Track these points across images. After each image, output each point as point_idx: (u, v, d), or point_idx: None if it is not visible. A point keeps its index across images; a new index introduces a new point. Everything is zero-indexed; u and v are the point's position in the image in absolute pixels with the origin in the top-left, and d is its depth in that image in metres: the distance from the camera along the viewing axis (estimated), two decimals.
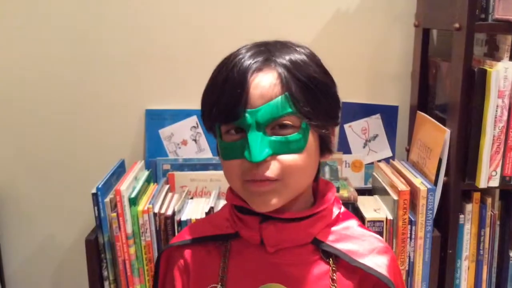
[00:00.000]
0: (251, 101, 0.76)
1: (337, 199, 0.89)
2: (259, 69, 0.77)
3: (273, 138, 0.77)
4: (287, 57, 0.79)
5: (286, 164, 0.77)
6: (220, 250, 0.88)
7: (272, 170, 0.77)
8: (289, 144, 0.77)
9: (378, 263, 0.84)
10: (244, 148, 0.76)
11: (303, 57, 0.80)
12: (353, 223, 0.90)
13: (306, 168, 0.80)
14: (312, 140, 0.80)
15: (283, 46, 0.82)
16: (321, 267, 0.84)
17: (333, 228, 0.86)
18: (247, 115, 0.76)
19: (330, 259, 0.84)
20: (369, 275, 0.83)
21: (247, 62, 0.78)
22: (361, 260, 0.83)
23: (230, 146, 0.79)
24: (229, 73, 0.77)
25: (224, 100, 0.77)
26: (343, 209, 0.90)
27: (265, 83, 0.76)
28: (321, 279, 0.83)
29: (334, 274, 0.83)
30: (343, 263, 0.84)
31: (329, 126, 0.83)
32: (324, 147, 0.84)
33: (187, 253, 0.89)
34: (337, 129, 1.12)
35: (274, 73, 0.77)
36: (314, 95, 0.78)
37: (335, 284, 0.83)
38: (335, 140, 0.86)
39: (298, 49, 0.82)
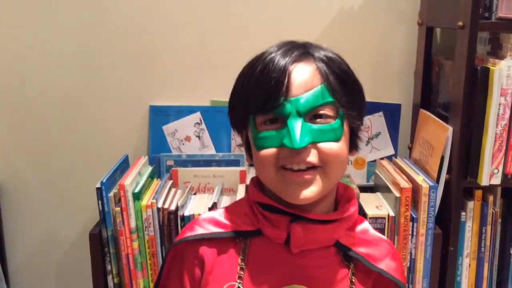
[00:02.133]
0: (291, 90, 0.77)
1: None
2: (299, 60, 0.79)
3: (314, 126, 0.78)
4: (322, 53, 0.82)
5: (326, 151, 0.79)
6: (238, 246, 0.86)
7: (313, 156, 0.78)
8: (328, 132, 0.79)
9: (393, 267, 0.87)
10: (281, 136, 0.77)
11: (335, 55, 0.84)
12: (367, 226, 0.92)
13: (343, 157, 0.82)
14: (346, 131, 0.82)
15: (316, 45, 0.85)
16: (341, 270, 0.85)
17: (353, 232, 0.88)
18: (287, 103, 0.77)
19: (351, 263, 0.86)
20: (382, 277, 0.86)
21: (286, 54, 0.79)
22: (379, 265, 0.86)
23: (266, 136, 0.79)
24: (267, 65, 0.78)
25: (262, 90, 0.78)
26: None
27: (305, 73, 0.79)
28: (341, 282, 0.85)
29: (353, 278, 0.85)
30: (360, 267, 0.86)
31: (358, 120, 0.85)
32: (353, 143, 0.86)
33: (202, 247, 0.87)
34: None
35: (313, 65, 0.80)
36: (349, 88, 0.82)
37: (354, 287, 0.85)
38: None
39: (326, 48, 0.85)
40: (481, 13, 1.18)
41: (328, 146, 0.79)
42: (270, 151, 0.79)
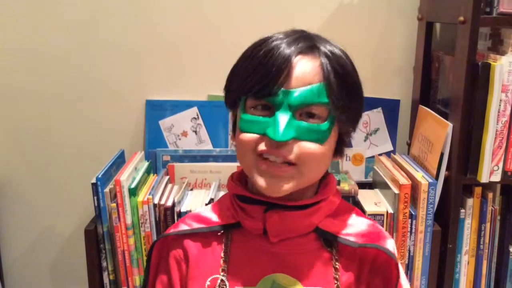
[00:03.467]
0: (290, 81, 0.76)
1: (337, 190, 0.90)
2: (304, 53, 0.78)
3: (301, 123, 0.77)
4: (329, 48, 0.80)
5: (306, 151, 0.77)
6: (221, 240, 0.87)
7: (292, 153, 0.77)
8: (314, 132, 0.77)
9: (378, 242, 0.85)
10: (267, 125, 0.76)
11: (340, 52, 0.82)
12: (352, 213, 0.91)
13: (323, 160, 0.81)
14: (333, 135, 0.81)
15: (323, 38, 0.83)
16: (323, 256, 0.85)
17: (334, 218, 0.87)
18: (281, 94, 0.76)
19: (333, 248, 0.85)
20: (367, 255, 0.84)
21: (292, 44, 0.78)
22: (362, 241, 0.84)
23: (253, 120, 0.79)
24: (271, 50, 0.77)
25: (261, 75, 0.76)
26: (342, 200, 0.91)
27: (307, 68, 0.77)
28: (324, 268, 0.84)
29: (337, 263, 0.84)
30: (344, 252, 0.85)
31: (351, 127, 0.84)
32: (339, 148, 0.85)
33: (186, 242, 0.88)
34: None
35: (317, 60, 0.78)
36: (349, 91, 0.79)
37: (338, 273, 0.84)
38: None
39: (333, 42, 0.83)
40: (482, 8, 1.16)
41: (309, 146, 0.77)
42: (252, 136, 0.78)
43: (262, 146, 0.78)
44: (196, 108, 1.51)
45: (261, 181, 0.79)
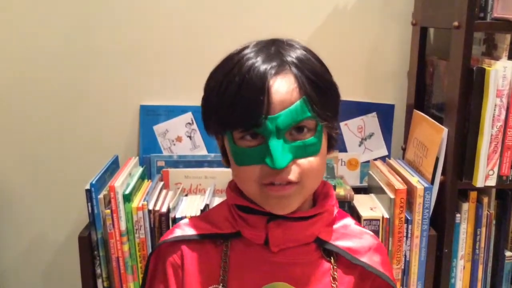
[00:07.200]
0: (273, 107, 0.75)
1: (335, 199, 0.90)
2: (276, 74, 0.76)
3: (294, 143, 0.77)
4: (294, 55, 0.79)
5: (305, 167, 0.78)
6: (219, 249, 0.87)
7: (293, 173, 0.77)
8: (307, 147, 0.78)
9: (376, 260, 0.86)
10: (263, 154, 0.76)
11: (305, 53, 0.81)
12: (349, 221, 0.92)
13: (321, 169, 0.82)
14: (324, 140, 0.81)
15: (287, 45, 0.81)
16: (322, 266, 0.85)
17: (333, 227, 0.88)
18: (267, 122, 0.75)
19: (331, 257, 0.86)
20: (367, 271, 0.85)
21: (263, 66, 0.76)
22: (361, 258, 0.85)
23: (247, 152, 0.78)
24: (244, 77, 0.75)
25: (243, 106, 0.75)
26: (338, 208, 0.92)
27: (284, 88, 0.76)
28: (323, 277, 0.85)
29: (335, 273, 0.85)
30: (343, 260, 0.86)
31: (335, 123, 0.84)
32: (330, 145, 0.85)
33: (184, 248, 0.88)
34: None
35: (291, 77, 0.77)
36: (326, 96, 0.79)
37: (336, 283, 0.84)
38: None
39: (296, 45, 0.82)
40: (476, 13, 1.17)
41: (307, 162, 0.78)
42: (252, 168, 0.78)
43: (265, 177, 0.77)
44: (191, 113, 1.50)
45: (269, 204, 0.80)
